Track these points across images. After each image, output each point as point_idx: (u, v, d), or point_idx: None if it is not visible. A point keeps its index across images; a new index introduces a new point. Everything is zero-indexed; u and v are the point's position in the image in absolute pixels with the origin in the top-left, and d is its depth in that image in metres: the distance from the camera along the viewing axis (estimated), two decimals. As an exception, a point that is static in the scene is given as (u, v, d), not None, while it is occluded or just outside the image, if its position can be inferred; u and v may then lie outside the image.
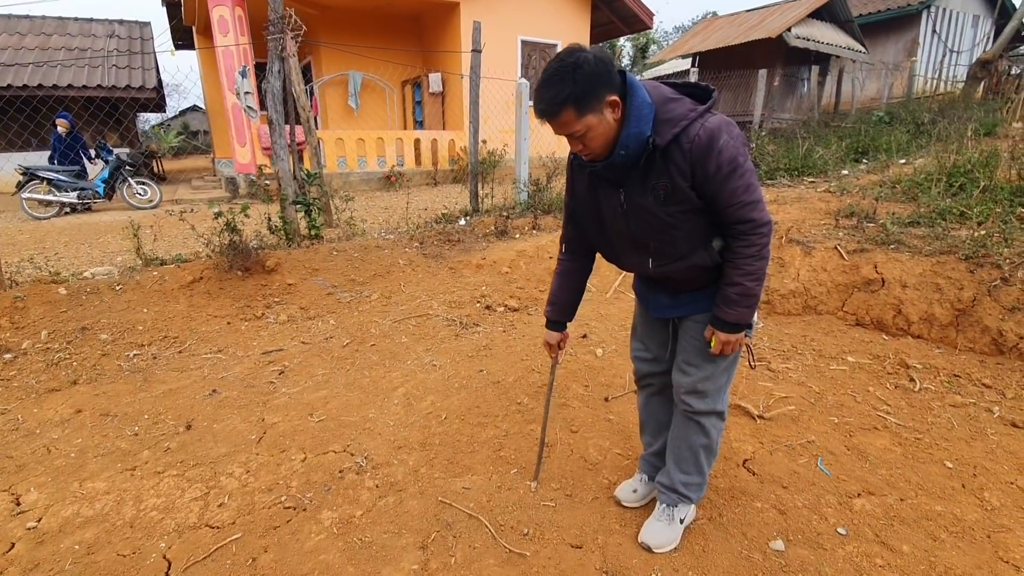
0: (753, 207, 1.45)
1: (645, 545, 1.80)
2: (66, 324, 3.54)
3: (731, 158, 1.41)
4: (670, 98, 1.46)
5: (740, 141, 1.45)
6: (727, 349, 1.61)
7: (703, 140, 1.40)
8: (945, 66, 15.46)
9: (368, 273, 4.64)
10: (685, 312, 1.71)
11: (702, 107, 1.45)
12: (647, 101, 1.43)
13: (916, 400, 2.72)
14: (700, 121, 1.42)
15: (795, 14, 12.37)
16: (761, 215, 1.46)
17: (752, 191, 1.45)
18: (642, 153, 1.45)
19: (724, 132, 1.42)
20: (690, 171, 1.44)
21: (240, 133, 9.46)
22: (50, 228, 7.35)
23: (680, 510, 1.83)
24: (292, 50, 5.08)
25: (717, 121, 1.43)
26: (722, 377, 1.73)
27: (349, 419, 2.62)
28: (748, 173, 1.44)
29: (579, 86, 1.36)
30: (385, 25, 11.96)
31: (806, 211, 4.97)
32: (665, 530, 1.81)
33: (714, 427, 1.76)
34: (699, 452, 1.78)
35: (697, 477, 1.82)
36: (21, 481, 2.20)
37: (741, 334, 1.59)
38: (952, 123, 7.97)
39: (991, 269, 3.25)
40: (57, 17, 13.18)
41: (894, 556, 1.75)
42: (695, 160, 1.42)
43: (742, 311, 1.53)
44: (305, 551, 1.80)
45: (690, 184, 1.45)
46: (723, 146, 1.40)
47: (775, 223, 4.43)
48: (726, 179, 1.43)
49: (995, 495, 2.02)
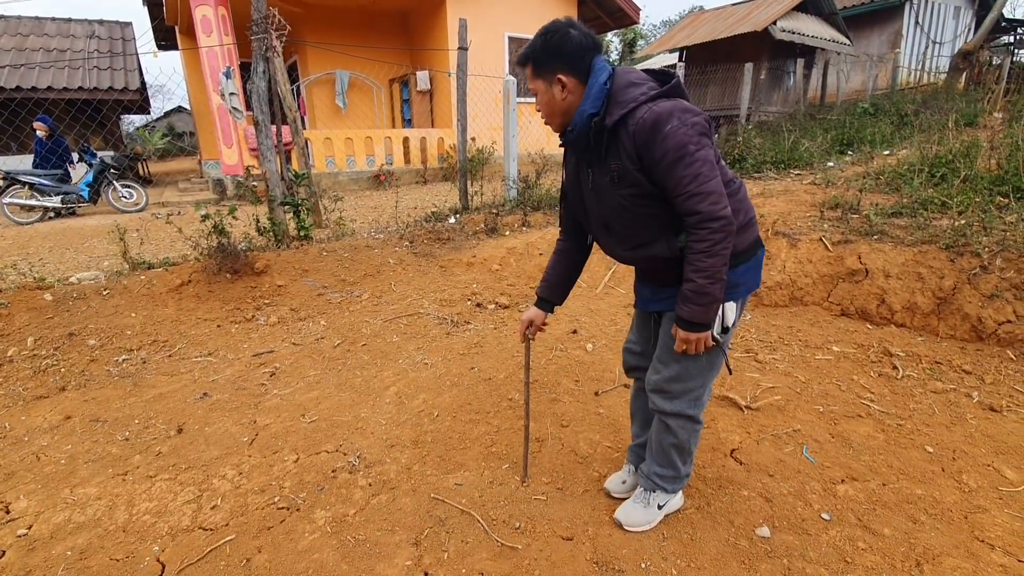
0: (701, 199, 1.39)
1: (618, 522, 1.87)
2: (53, 330, 3.52)
3: (679, 145, 1.37)
4: (632, 82, 1.47)
5: (696, 129, 1.40)
6: (689, 348, 1.56)
7: (647, 123, 1.39)
8: (928, 57, 15.63)
9: (358, 273, 4.64)
10: (662, 307, 1.71)
11: (657, 91, 1.44)
12: (601, 83, 1.46)
13: (899, 387, 2.78)
14: (649, 105, 1.41)
15: (780, 7, 12.46)
16: (711, 208, 1.39)
17: (701, 181, 1.39)
18: (588, 131, 1.48)
19: (675, 118, 1.38)
20: (636, 154, 1.43)
21: (226, 134, 9.39)
22: (33, 233, 7.27)
23: (657, 496, 1.87)
24: (277, 50, 5.06)
25: (669, 106, 1.40)
26: (694, 381, 1.67)
27: (341, 419, 2.63)
28: (699, 163, 1.38)
29: (540, 50, 1.49)
30: (371, 23, 11.90)
31: (792, 203, 5.02)
32: (640, 511, 1.87)
33: (682, 428, 1.73)
34: (670, 450, 1.79)
35: (671, 471, 1.83)
36: (10, 489, 2.19)
37: (703, 334, 1.52)
38: (935, 114, 8.08)
39: (971, 258, 3.32)
40: (33, 17, 12.93)
41: (876, 539, 1.79)
42: (639, 143, 1.41)
43: (695, 309, 1.47)
44: (299, 550, 1.82)
45: (637, 167, 1.44)
46: (669, 132, 1.37)
47: (761, 216, 4.47)
48: (672, 166, 1.39)
49: (973, 477, 2.08)
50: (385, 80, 12.55)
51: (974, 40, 11.38)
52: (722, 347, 1.63)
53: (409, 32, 12.43)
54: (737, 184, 1.60)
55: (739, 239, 1.54)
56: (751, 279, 1.63)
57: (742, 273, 1.59)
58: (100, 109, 12.20)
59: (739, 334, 3.48)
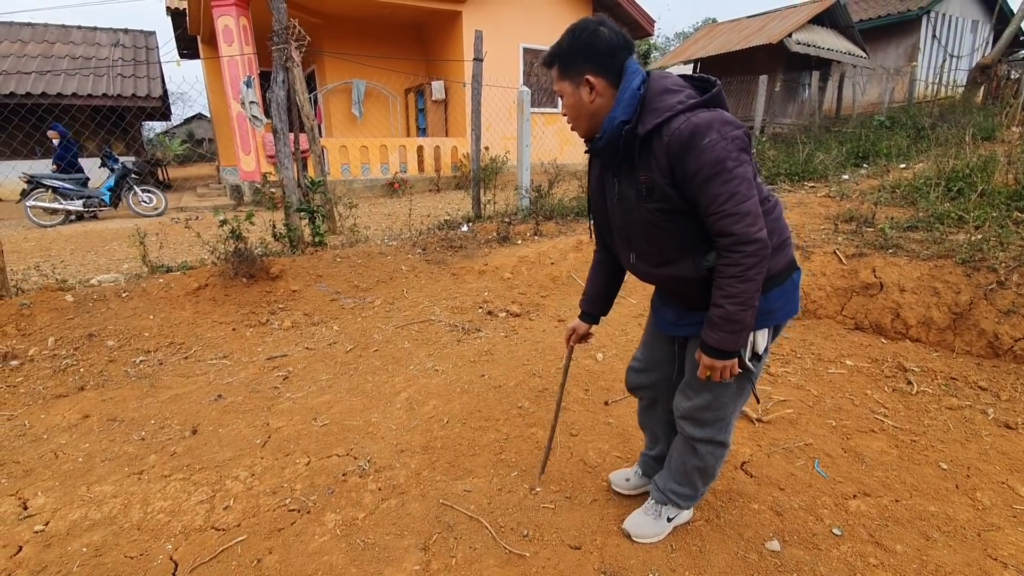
0: (737, 220, 1.29)
1: (626, 532, 1.85)
2: (73, 331, 3.59)
3: (716, 160, 1.28)
4: (668, 88, 1.38)
5: (736, 144, 1.30)
6: (713, 375, 1.48)
7: (684, 135, 1.30)
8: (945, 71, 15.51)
9: (371, 279, 4.69)
10: (688, 332, 1.61)
11: (696, 100, 1.34)
12: (634, 88, 1.37)
13: (913, 403, 2.75)
14: (687, 115, 1.31)
15: (796, 20, 12.45)
16: (746, 230, 1.29)
17: (738, 201, 1.29)
18: (619, 140, 1.39)
19: (714, 130, 1.29)
20: (668, 166, 1.34)
21: (245, 141, 9.56)
22: (56, 236, 7.43)
23: (669, 510, 1.85)
24: (296, 59, 5.15)
25: (709, 117, 1.30)
26: (725, 408, 1.61)
27: (352, 423, 2.66)
28: (736, 180, 1.29)
29: (567, 49, 1.40)
30: (388, 34, 12.08)
31: (806, 216, 5.00)
32: (650, 523, 1.85)
33: (711, 454, 1.69)
34: (692, 472, 1.74)
35: (689, 490, 1.80)
36: (28, 486, 2.24)
37: (730, 361, 1.43)
38: (952, 128, 8.01)
39: (987, 273, 3.28)
40: (60, 25, 13.29)
41: (887, 555, 1.77)
42: (673, 155, 1.32)
43: (723, 336, 1.38)
44: (309, 552, 1.84)
45: (669, 181, 1.35)
46: (707, 145, 1.28)
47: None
48: (707, 183, 1.30)
49: (987, 495, 2.05)
50: (401, 90, 12.71)
51: (992, 54, 11.28)
52: (752, 374, 1.55)
53: (425, 43, 12.59)
54: (773, 202, 1.50)
55: (773, 261, 1.43)
56: (786, 304, 1.52)
57: (776, 298, 1.49)
58: (123, 116, 12.46)
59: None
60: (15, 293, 3.82)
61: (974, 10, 16.31)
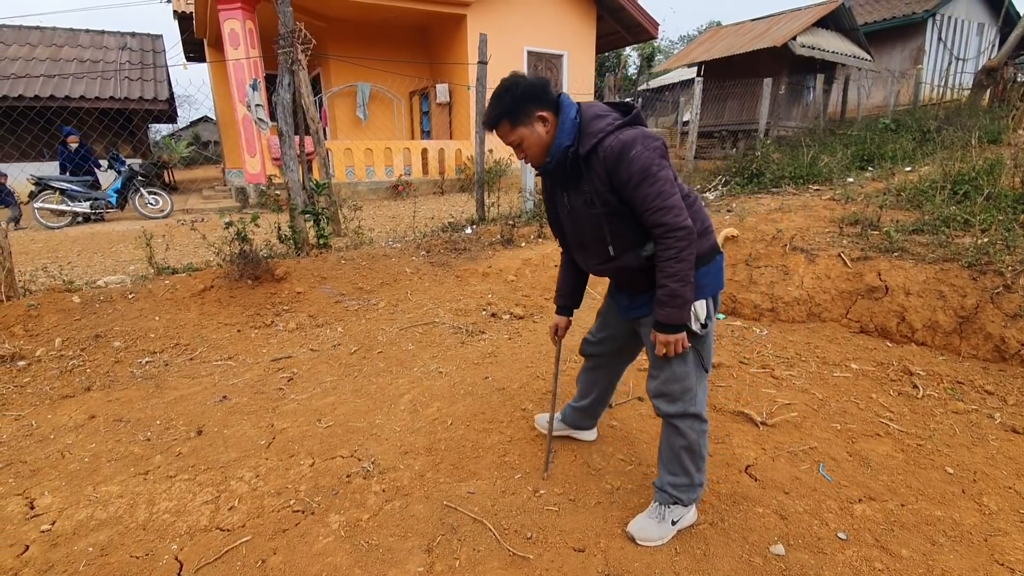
0: (666, 212, 1.57)
1: (629, 535, 1.89)
2: (80, 332, 3.62)
3: (643, 167, 1.56)
4: (598, 114, 1.66)
5: (657, 153, 1.58)
6: (668, 350, 1.70)
7: (615, 150, 1.58)
8: (951, 74, 15.46)
9: (375, 281, 4.70)
10: (639, 314, 1.86)
11: (621, 121, 1.63)
12: (571, 117, 1.66)
13: (919, 407, 2.74)
14: (616, 134, 1.60)
15: (800, 23, 12.43)
16: (675, 220, 1.57)
17: (664, 197, 1.57)
18: (565, 161, 1.66)
19: (638, 144, 1.57)
20: (607, 177, 1.62)
21: (250, 144, 9.61)
22: (63, 237, 7.48)
23: (673, 511, 1.88)
24: (302, 62, 5.18)
25: (632, 134, 1.60)
26: (688, 379, 1.78)
27: (356, 425, 2.67)
28: (661, 181, 1.57)
29: (511, 104, 1.65)
30: (393, 37, 12.13)
31: (811, 219, 4.99)
32: (654, 526, 1.88)
33: (691, 429, 1.82)
34: (680, 453, 1.85)
35: (684, 478, 1.87)
36: (35, 485, 2.25)
37: (680, 335, 1.68)
38: (958, 131, 7.98)
39: (994, 276, 3.27)
40: (68, 29, 13.41)
41: (893, 560, 1.77)
42: (609, 167, 1.60)
43: (671, 311, 1.63)
44: (313, 553, 1.84)
45: (609, 189, 1.63)
46: (635, 156, 1.56)
47: (779, 231, 4.45)
48: (638, 186, 1.58)
49: (994, 500, 2.04)
50: (405, 92, 12.75)
51: (998, 57, 11.23)
52: (703, 343, 1.78)
53: (430, 46, 12.64)
54: (693, 198, 1.76)
55: (701, 243, 1.70)
56: (713, 280, 1.77)
57: (704, 275, 1.72)
58: (130, 118, 12.56)
59: (755, 349, 3.46)
60: (23, 294, 3.85)
61: (980, 13, 16.25)
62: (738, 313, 4.13)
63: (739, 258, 4.39)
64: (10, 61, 11.42)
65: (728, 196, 7.03)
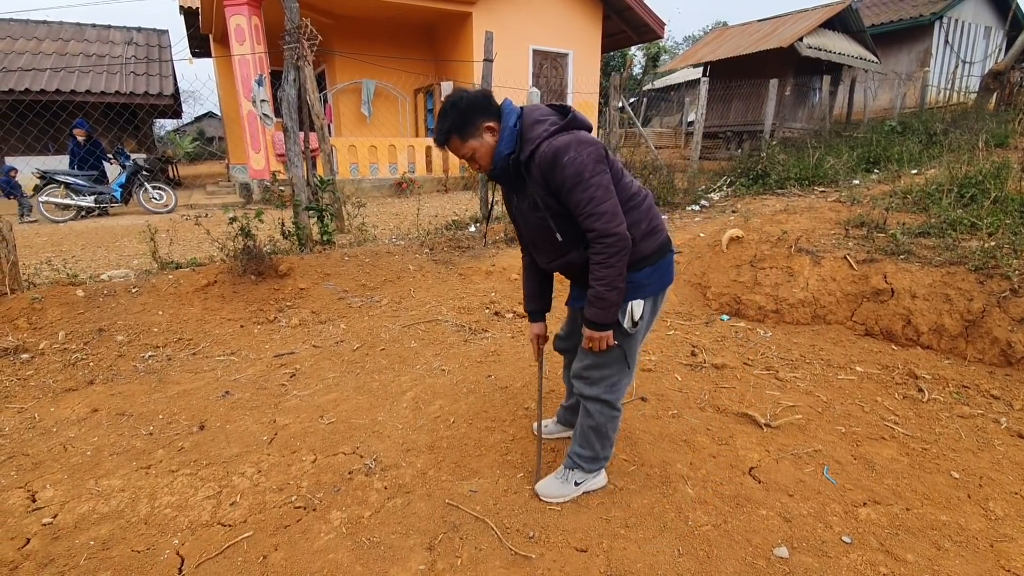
0: (596, 218, 1.61)
1: (536, 493, 2.06)
2: (83, 325, 3.62)
3: (575, 173, 1.59)
4: (537, 120, 1.70)
5: (591, 158, 1.61)
6: (593, 345, 1.79)
7: (549, 156, 1.62)
8: (957, 77, 15.39)
9: (379, 278, 4.70)
10: (578, 305, 1.96)
11: (558, 126, 1.66)
12: (510, 125, 1.70)
13: (924, 411, 2.72)
14: (550, 140, 1.64)
15: (807, 24, 12.39)
16: (604, 226, 1.60)
17: (596, 204, 1.60)
18: (507, 167, 1.72)
19: (571, 149, 1.60)
20: (544, 182, 1.67)
21: (255, 140, 9.61)
22: (67, 231, 7.49)
23: (576, 474, 2.05)
24: (308, 59, 5.18)
25: (567, 139, 1.62)
26: (609, 369, 1.87)
27: (359, 422, 2.66)
28: (593, 187, 1.59)
29: (458, 119, 1.69)
30: (398, 34, 12.12)
31: (816, 221, 4.97)
32: (557, 485, 2.06)
33: (600, 413, 1.94)
34: (588, 432, 1.99)
35: (589, 452, 2.01)
36: (37, 478, 2.25)
37: (605, 333, 1.75)
38: (964, 134, 7.94)
39: (1000, 280, 3.25)
40: (75, 23, 13.42)
41: (898, 564, 1.75)
42: (545, 173, 1.65)
43: (597, 311, 1.70)
44: (315, 550, 1.84)
45: (546, 192, 1.68)
46: (567, 162, 1.60)
47: (784, 233, 4.43)
48: (571, 191, 1.62)
49: (1000, 505, 2.02)
50: (410, 90, 12.74)
51: (1005, 60, 11.18)
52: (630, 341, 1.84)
53: (435, 44, 12.62)
54: (643, 196, 1.81)
55: (645, 244, 1.76)
56: (659, 280, 1.82)
57: (648, 275, 1.78)
58: (136, 113, 12.57)
59: (759, 351, 3.45)
60: (27, 287, 3.85)
61: (987, 16, 16.17)
62: (742, 314, 4.12)
63: (744, 259, 4.38)
64: (17, 55, 11.44)
65: (733, 197, 7.01)
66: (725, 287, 4.30)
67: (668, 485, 2.16)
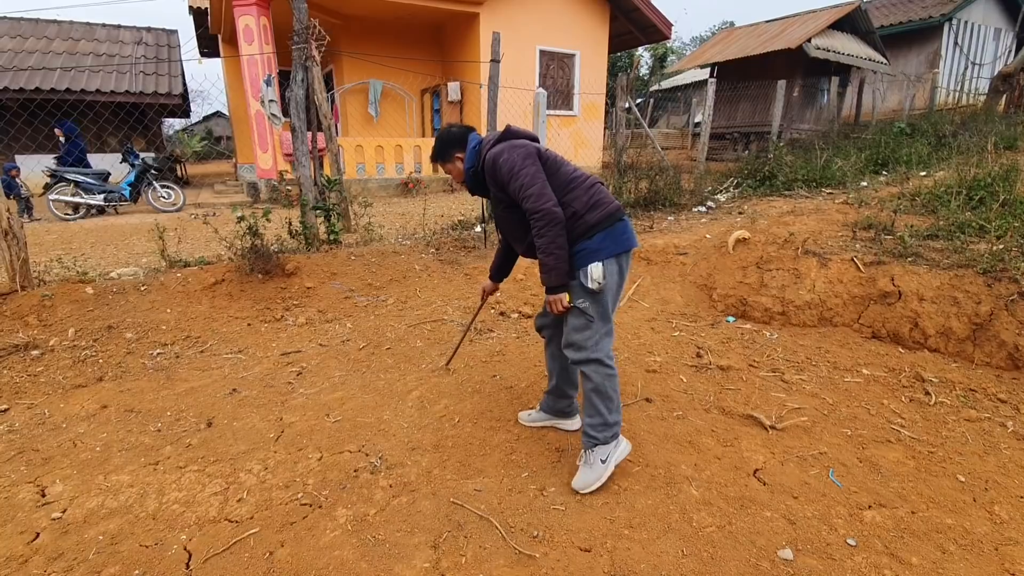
0: (527, 199, 2.01)
1: (574, 490, 2.12)
2: (93, 322, 3.65)
3: (508, 169, 2.05)
4: (484, 140, 2.22)
5: (520, 156, 2.05)
6: (552, 307, 2.11)
7: (490, 162, 2.11)
8: (967, 79, 15.28)
9: (385, 278, 4.72)
10: None
11: (494, 140, 2.16)
12: (472, 147, 2.23)
13: (931, 414, 2.71)
14: (490, 150, 2.13)
15: (816, 25, 12.33)
16: (533, 205, 2.00)
17: (525, 188, 2.01)
18: (473, 177, 2.24)
19: (504, 152, 2.07)
20: (494, 182, 2.14)
21: (262, 139, 9.66)
22: (77, 229, 7.56)
23: (598, 452, 2.14)
24: (316, 59, 5.20)
25: (501, 147, 2.11)
26: (588, 331, 2.11)
27: (364, 420, 2.68)
28: (522, 176, 2.02)
29: (439, 149, 2.31)
30: (405, 35, 12.14)
31: (823, 222, 4.95)
32: (588, 472, 2.14)
33: (596, 372, 2.10)
34: (591, 396, 2.13)
35: (599, 418, 2.13)
36: (47, 473, 2.28)
37: (559, 295, 2.08)
38: (973, 136, 7.89)
39: (1009, 284, 3.23)
40: (85, 22, 13.52)
41: (903, 567, 1.75)
42: (490, 174, 2.13)
43: (544, 276, 2.07)
44: (320, 547, 1.85)
45: (498, 189, 2.14)
46: (502, 162, 2.06)
47: (791, 234, 4.41)
48: (508, 183, 2.07)
49: (1005, 509, 2.01)
50: (417, 90, 12.76)
51: (1015, 62, 11.09)
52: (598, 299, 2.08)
53: (442, 44, 12.64)
54: (583, 178, 2.14)
55: (590, 215, 2.06)
56: (613, 244, 2.07)
57: (600, 240, 2.06)
58: (144, 112, 12.65)
59: (765, 353, 3.44)
60: (37, 284, 3.89)
61: (997, 18, 16.04)
62: (748, 316, 4.11)
63: (750, 261, 4.37)
64: (27, 54, 11.54)
65: (740, 198, 6.99)
66: (731, 289, 4.29)
67: (672, 486, 2.16)
